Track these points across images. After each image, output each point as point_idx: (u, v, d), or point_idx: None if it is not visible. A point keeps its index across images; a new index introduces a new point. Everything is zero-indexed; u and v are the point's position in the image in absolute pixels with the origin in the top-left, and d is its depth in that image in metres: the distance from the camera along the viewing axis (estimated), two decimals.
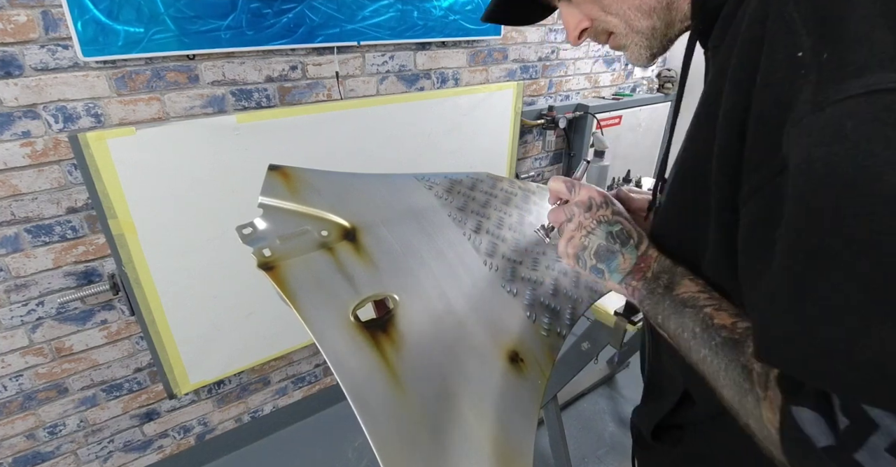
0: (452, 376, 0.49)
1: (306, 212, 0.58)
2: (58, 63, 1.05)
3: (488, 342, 0.54)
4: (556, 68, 1.97)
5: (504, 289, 0.61)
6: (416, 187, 0.72)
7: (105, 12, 1.03)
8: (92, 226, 1.21)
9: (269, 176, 0.61)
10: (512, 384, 0.51)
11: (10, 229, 1.12)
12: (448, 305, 0.56)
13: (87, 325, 1.29)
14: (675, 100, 0.45)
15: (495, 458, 0.45)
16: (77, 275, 1.23)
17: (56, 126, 1.09)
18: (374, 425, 0.41)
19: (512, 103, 1.75)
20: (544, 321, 0.59)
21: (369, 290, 0.52)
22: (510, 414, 0.48)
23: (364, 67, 1.47)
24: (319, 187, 0.62)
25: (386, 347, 0.48)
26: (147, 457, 1.55)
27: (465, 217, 0.70)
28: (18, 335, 1.21)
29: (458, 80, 1.70)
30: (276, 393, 1.76)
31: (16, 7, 0.98)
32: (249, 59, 1.27)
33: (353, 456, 1.72)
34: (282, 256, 0.51)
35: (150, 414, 1.50)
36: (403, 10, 1.42)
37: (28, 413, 1.29)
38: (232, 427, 1.70)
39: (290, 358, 1.72)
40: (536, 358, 0.54)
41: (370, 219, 0.61)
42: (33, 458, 1.35)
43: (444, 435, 0.44)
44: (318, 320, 0.47)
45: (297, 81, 1.37)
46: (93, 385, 1.36)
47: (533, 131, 2.02)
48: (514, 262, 0.66)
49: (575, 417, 1.91)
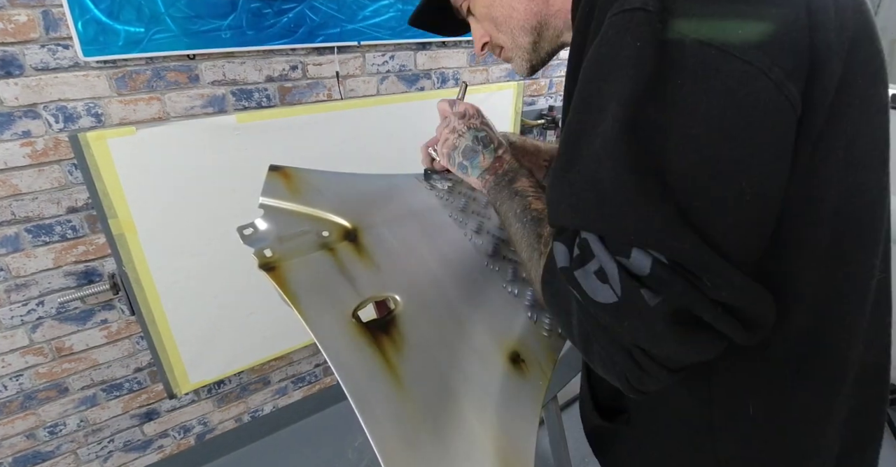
0: (453, 376, 0.49)
1: (307, 212, 0.58)
2: (58, 63, 1.05)
3: (489, 342, 0.54)
4: (556, 68, 1.97)
5: (505, 290, 0.61)
6: (417, 188, 0.72)
7: (105, 12, 1.03)
8: (92, 225, 1.21)
9: (270, 176, 0.61)
10: (513, 384, 0.51)
11: (11, 229, 1.12)
12: (449, 306, 0.56)
13: (87, 325, 1.29)
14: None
15: (496, 458, 0.45)
16: (77, 274, 1.23)
17: (56, 126, 1.09)
18: (374, 425, 0.41)
19: (512, 103, 1.75)
20: (545, 321, 0.59)
21: (370, 291, 0.52)
22: (511, 415, 0.48)
23: (364, 67, 1.47)
24: (320, 187, 0.62)
25: (387, 347, 0.48)
26: (147, 457, 1.55)
27: (466, 218, 0.70)
28: (18, 335, 1.21)
29: (459, 80, 1.70)
30: (276, 393, 1.76)
31: (16, 7, 0.98)
32: (250, 59, 1.27)
33: (353, 456, 1.72)
34: (283, 257, 0.51)
35: (150, 414, 1.50)
36: (404, 10, 1.42)
37: (28, 412, 1.29)
38: (232, 427, 1.70)
39: (291, 358, 1.72)
40: (538, 359, 0.54)
41: (371, 220, 0.61)
42: (33, 458, 1.34)
43: (445, 435, 0.44)
44: (319, 321, 0.47)
45: (297, 81, 1.36)
46: (93, 384, 1.36)
47: (533, 131, 2.01)
48: (515, 263, 0.66)
49: (575, 417, 1.90)
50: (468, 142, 0.63)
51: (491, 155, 0.62)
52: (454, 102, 0.68)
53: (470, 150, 0.62)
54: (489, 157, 0.62)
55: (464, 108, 0.66)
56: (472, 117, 0.65)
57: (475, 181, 0.63)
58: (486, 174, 0.61)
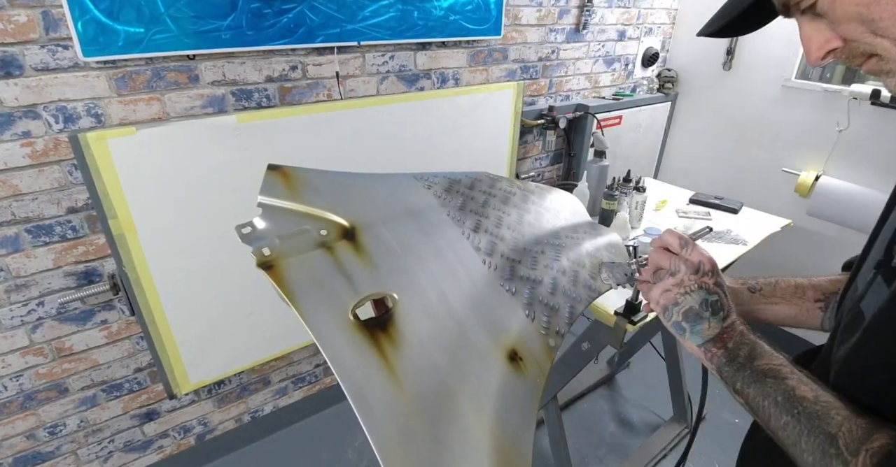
0: (451, 375, 0.49)
1: (305, 211, 0.58)
2: (58, 63, 1.05)
3: (487, 341, 0.54)
4: (556, 68, 1.97)
5: (503, 288, 0.61)
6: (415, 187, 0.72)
7: (105, 12, 1.03)
8: (92, 226, 1.21)
9: (269, 175, 0.61)
10: (511, 383, 0.51)
11: (11, 229, 1.12)
12: (447, 304, 0.56)
13: (87, 325, 1.29)
14: None
15: (494, 457, 0.45)
16: (77, 275, 1.23)
17: (56, 126, 1.09)
18: (373, 424, 0.41)
19: (512, 103, 1.76)
20: (543, 320, 0.59)
21: (368, 289, 0.52)
22: (509, 413, 0.48)
23: (364, 67, 1.47)
24: (319, 187, 0.62)
25: (385, 346, 0.48)
26: (147, 457, 1.55)
27: (463, 216, 0.70)
28: (19, 335, 1.21)
29: (459, 80, 1.70)
30: (276, 393, 1.76)
31: (16, 7, 0.98)
32: (250, 59, 1.27)
33: (353, 456, 1.72)
34: (281, 255, 0.51)
35: (151, 415, 1.50)
36: (403, 10, 1.42)
37: (28, 413, 1.29)
38: (232, 427, 1.70)
39: (291, 358, 1.72)
40: (535, 357, 0.54)
41: (369, 219, 0.61)
42: (33, 458, 1.35)
43: (443, 434, 0.44)
44: (317, 319, 0.47)
45: (297, 81, 1.37)
46: (93, 385, 1.36)
47: (533, 131, 2.02)
48: (512, 261, 0.66)
49: (575, 417, 1.91)
50: (695, 303, 0.54)
51: (719, 324, 0.54)
52: (686, 243, 0.57)
53: (694, 314, 0.54)
54: (717, 327, 0.54)
55: (699, 259, 0.56)
56: (706, 274, 0.56)
57: (694, 349, 0.55)
58: (712, 345, 0.54)
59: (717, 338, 0.53)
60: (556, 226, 0.79)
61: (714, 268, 0.56)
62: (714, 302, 0.54)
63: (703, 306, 0.54)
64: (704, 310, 0.54)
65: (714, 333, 0.53)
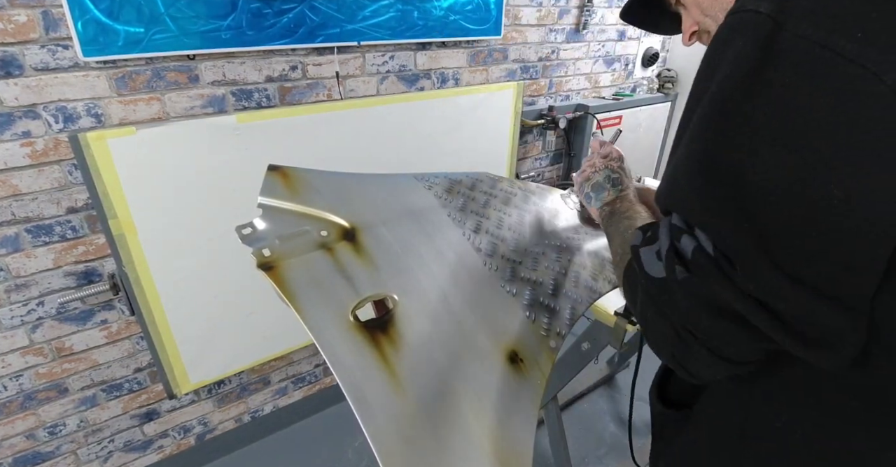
0: (452, 376, 0.49)
1: (306, 212, 0.58)
2: (58, 63, 1.05)
3: (488, 342, 0.54)
4: (556, 68, 1.97)
5: (503, 289, 0.61)
6: (415, 187, 0.72)
7: (105, 12, 1.03)
8: (92, 226, 1.21)
9: (269, 176, 0.61)
10: (511, 384, 0.51)
11: (10, 229, 1.12)
12: (447, 305, 0.56)
13: (87, 325, 1.29)
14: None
15: (495, 457, 0.45)
16: (77, 275, 1.23)
17: (56, 126, 1.09)
18: (373, 425, 0.41)
19: (512, 103, 1.75)
20: (544, 321, 0.59)
21: (369, 290, 0.52)
22: (509, 414, 0.48)
23: (364, 67, 1.47)
24: (319, 187, 0.62)
25: (385, 347, 0.48)
26: (147, 457, 1.55)
27: (464, 217, 0.70)
28: (18, 335, 1.21)
29: (459, 80, 1.70)
30: (276, 393, 1.76)
31: (16, 7, 0.98)
32: (250, 59, 1.27)
33: (353, 456, 1.72)
34: (281, 256, 0.51)
35: (150, 414, 1.50)
36: (403, 10, 1.42)
37: (28, 413, 1.29)
38: (232, 427, 1.70)
39: (290, 358, 1.72)
40: (536, 358, 0.54)
41: (370, 220, 0.61)
42: (33, 458, 1.35)
43: (443, 434, 0.44)
44: (317, 320, 0.47)
45: (297, 81, 1.37)
46: (93, 385, 1.36)
47: (533, 131, 2.01)
48: (513, 262, 0.66)
49: (575, 417, 1.91)
50: (600, 178, 0.72)
51: (616, 193, 0.70)
52: (604, 143, 0.78)
53: (599, 186, 0.72)
54: (614, 194, 0.70)
55: (608, 150, 0.76)
56: (613, 160, 0.74)
57: (594, 211, 0.72)
58: (606, 207, 0.69)
59: (611, 202, 0.70)
60: (557, 226, 0.79)
61: (620, 156, 0.75)
62: (615, 178, 0.72)
63: (606, 181, 0.72)
64: (606, 182, 0.71)
65: (610, 199, 0.70)
